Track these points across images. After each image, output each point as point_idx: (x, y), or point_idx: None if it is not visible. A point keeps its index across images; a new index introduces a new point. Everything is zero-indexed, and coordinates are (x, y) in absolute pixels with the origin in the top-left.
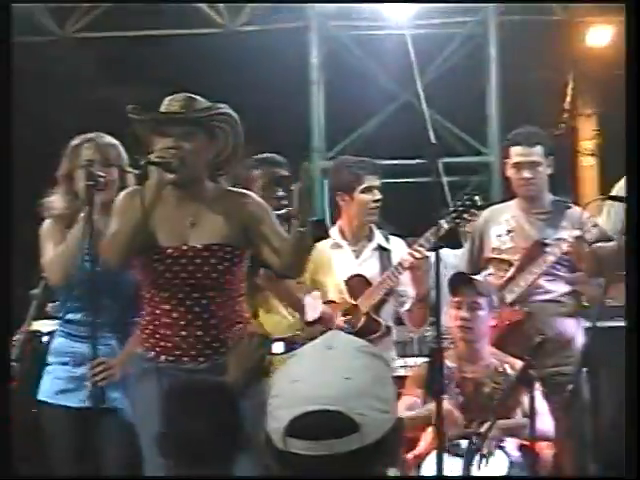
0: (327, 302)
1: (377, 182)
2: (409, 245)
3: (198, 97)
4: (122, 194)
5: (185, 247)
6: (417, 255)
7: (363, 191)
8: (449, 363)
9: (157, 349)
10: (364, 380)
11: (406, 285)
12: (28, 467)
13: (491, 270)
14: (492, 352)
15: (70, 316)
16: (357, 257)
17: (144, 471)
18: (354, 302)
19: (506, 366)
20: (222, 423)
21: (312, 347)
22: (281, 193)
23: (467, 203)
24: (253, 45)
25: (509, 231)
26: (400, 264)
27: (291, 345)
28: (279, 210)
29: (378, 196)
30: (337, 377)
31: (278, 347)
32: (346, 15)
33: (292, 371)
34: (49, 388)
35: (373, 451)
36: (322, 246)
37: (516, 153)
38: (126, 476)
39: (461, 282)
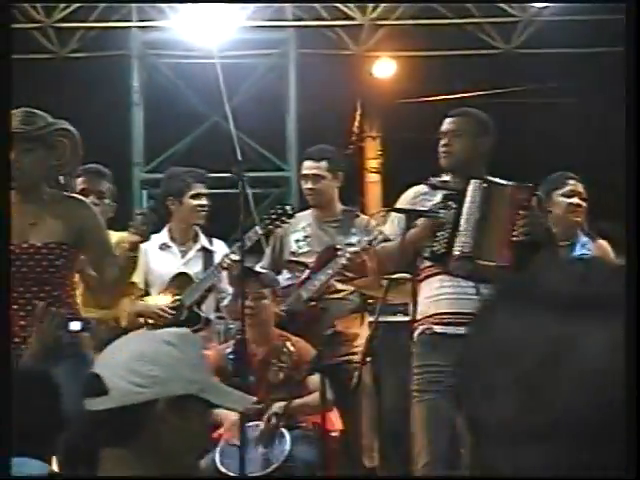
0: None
1: (204, 190)
2: (230, 247)
3: (37, 112)
4: None
5: (25, 245)
6: (234, 257)
7: (192, 197)
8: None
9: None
10: (130, 355)
11: (224, 283)
12: None
13: (288, 274)
14: (278, 334)
15: None
16: (183, 257)
17: None
18: (179, 297)
19: (288, 343)
20: (40, 408)
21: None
22: (106, 201)
23: (279, 212)
24: (81, 69)
25: (306, 237)
26: (219, 264)
27: (87, 324)
28: None
29: (204, 202)
30: (116, 349)
31: (75, 325)
32: (163, 45)
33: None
34: None
35: (128, 414)
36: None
37: (304, 167)
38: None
39: (247, 275)
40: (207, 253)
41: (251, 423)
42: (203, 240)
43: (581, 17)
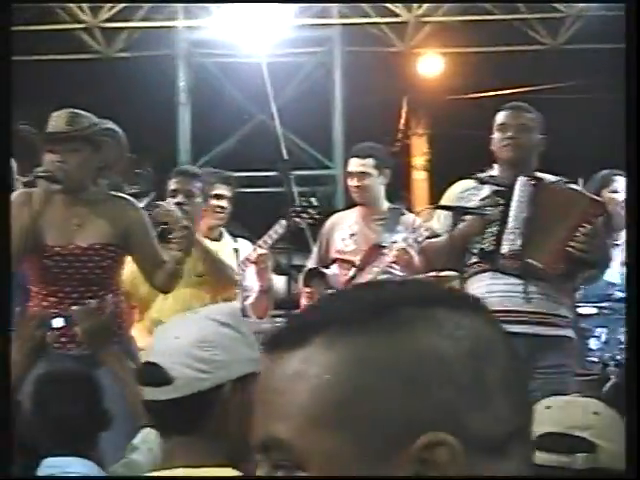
0: None
1: (226, 192)
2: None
3: (82, 112)
4: (12, 199)
5: (72, 246)
6: (260, 251)
7: (213, 197)
8: None
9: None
10: (190, 341)
11: (250, 280)
12: None
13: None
14: None
15: None
16: None
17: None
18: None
19: None
20: (81, 407)
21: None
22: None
23: (304, 204)
24: (128, 69)
25: (352, 235)
26: (246, 259)
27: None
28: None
29: (224, 204)
30: (169, 336)
31: (57, 322)
32: (209, 44)
33: (156, 330)
34: None
35: (192, 402)
36: None
37: (351, 164)
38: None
39: (313, 276)
40: (232, 251)
41: None
42: (228, 238)
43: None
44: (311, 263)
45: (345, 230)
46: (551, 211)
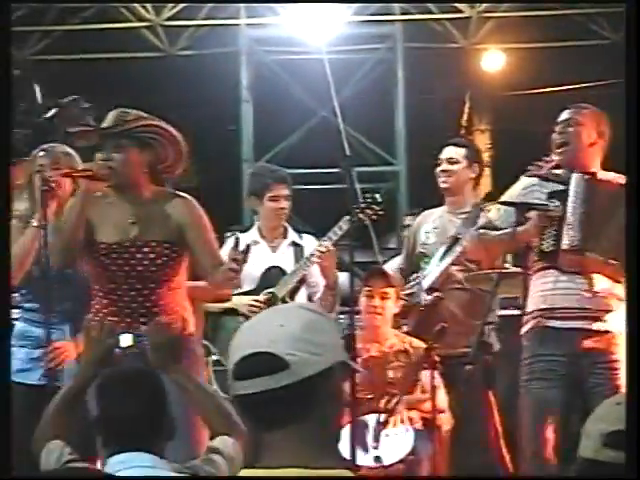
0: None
1: (284, 191)
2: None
3: (131, 110)
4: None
5: (127, 243)
6: (322, 249)
7: (270, 199)
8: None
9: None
10: (296, 326)
11: (317, 276)
12: None
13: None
14: (395, 334)
15: (28, 305)
16: (274, 252)
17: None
18: (271, 290)
19: (406, 346)
20: (146, 407)
21: (264, 312)
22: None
23: (368, 200)
24: (191, 67)
25: (434, 228)
26: (308, 258)
27: (141, 337)
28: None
29: (283, 204)
30: (272, 325)
31: (126, 340)
32: (271, 41)
33: (242, 327)
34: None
35: (305, 386)
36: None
37: (444, 152)
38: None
39: (375, 274)
40: (297, 247)
41: (367, 416)
42: (293, 235)
43: None
44: (400, 262)
45: (429, 224)
46: (606, 206)
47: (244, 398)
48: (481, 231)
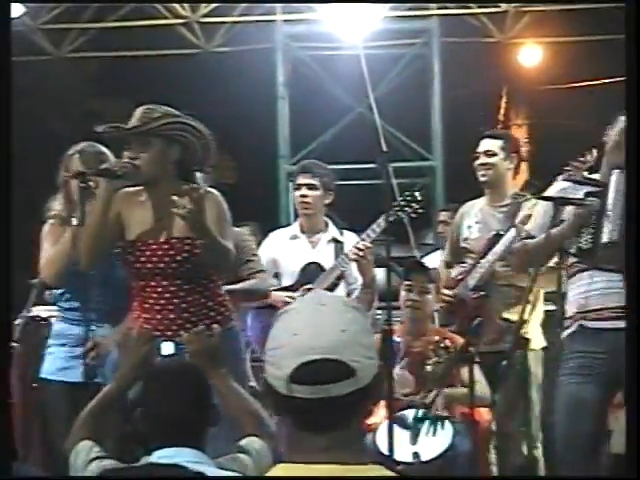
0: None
1: (306, 180)
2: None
3: (158, 107)
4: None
5: (150, 241)
6: (361, 247)
7: (295, 188)
8: (397, 338)
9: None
10: (355, 331)
11: (356, 273)
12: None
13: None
14: (434, 329)
15: (67, 304)
16: (314, 247)
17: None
18: (310, 285)
19: (446, 341)
20: (191, 401)
21: (304, 304)
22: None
23: (408, 198)
24: (227, 64)
25: (477, 222)
26: (346, 254)
27: (182, 345)
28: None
29: (305, 192)
30: (334, 330)
31: (168, 348)
32: (307, 37)
33: (290, 326)
34: (50, 367)
35: (364, 392)
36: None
37: (481, 145)
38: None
39: (414, 268)
40: (337, 243)
41: (405, 412)
42: (333, 231)
43: None
44: (445, 256)
45: (471, 218)
46: None
47: (301, 401)
48: (519, 244)
